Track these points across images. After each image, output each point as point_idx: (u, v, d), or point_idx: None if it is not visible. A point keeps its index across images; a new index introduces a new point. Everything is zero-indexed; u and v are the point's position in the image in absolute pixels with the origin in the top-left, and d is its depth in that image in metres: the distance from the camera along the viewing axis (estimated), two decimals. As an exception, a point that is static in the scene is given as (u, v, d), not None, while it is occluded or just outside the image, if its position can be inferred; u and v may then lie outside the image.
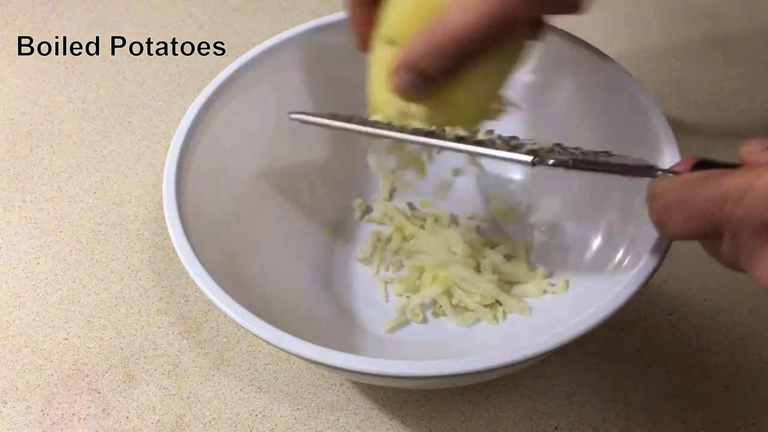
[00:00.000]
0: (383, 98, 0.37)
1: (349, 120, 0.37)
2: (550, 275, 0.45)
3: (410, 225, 0.47)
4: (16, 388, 0.45)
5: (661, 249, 0.34)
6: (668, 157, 0.38)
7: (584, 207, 0.45)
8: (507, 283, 0.45)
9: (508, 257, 0.46)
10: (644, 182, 0.33)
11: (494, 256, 0.45)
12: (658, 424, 0.41)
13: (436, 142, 0.34)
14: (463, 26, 0.33)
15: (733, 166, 0.29)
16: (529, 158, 0.31)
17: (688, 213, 0.29)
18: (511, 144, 0.34)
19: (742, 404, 0.42)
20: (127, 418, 0.43)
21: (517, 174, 0.49)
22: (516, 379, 0.43)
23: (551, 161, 0.31)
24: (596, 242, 0.44)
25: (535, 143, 0.34)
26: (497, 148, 0.33)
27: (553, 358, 0.43)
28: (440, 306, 0.45)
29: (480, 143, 0.33)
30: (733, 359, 0.44)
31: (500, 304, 0.44)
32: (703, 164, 0.31)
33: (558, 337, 0.32)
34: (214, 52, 0.63)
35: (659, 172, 0.32)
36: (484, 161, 0.36)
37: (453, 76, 0.34)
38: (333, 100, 0.48)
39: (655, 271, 0.34)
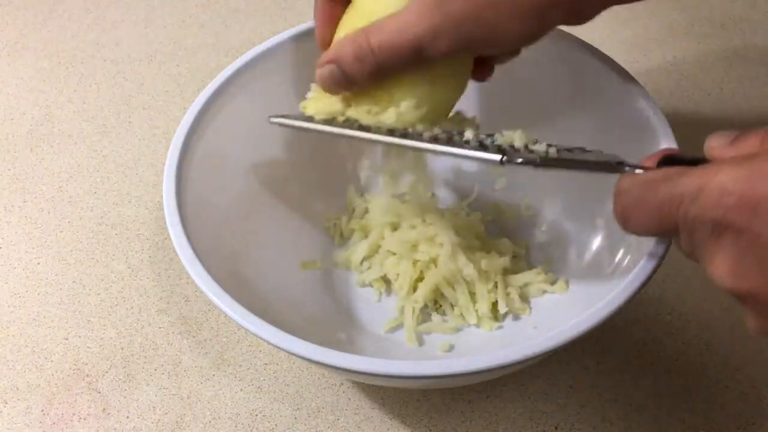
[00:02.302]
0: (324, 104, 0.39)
1: (328, 123, 0.38)
2: (550, 275, 0.45)
3: (412, 218, 0.47)
4: (17, 388, 0.45)
5: (661, 249, 0.34)
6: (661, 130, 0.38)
7: (584, 207, 0.45)
8: (507, 284, 0.45)
9: (509, 257, 0.46)
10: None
11: (494, 256, 0.45)
12: (658, 424, 0.41)
13: (406, 143, 0.35)
14: (387, 42, 0.35)
15: (700, 161, 0.30)
16: (498, 157, 0.32)
17: (648, 212, 0.29)
18: (484, 143, 0.34)
19: (742, 404, 0.42)
20: (128, 417, 0.43)
21: (518, 173, 0.49)
22: (516, 379, 0.43)
23: (519, 160, 0.32)
24: (596, 242, 0.44)
25: (512, 142, 0.34)
26: (469, 148, 0.34)
27: (553, 358, 0.43)
28: (440, 306, 0.45)
29: (452, 143, 0.34)
30: (733, 359, 0.44)
31: (500, 304, 0.44)
32: (670, 159, 0.31)
33: (558, 337, 0.32)
34: (214, 52, 0.63)
35: (627, 168, 0.32)
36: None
37: (373, 82, 0.36)
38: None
39: (654, 271, 0.34)
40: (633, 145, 0.41)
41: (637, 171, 0.31)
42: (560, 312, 0.43)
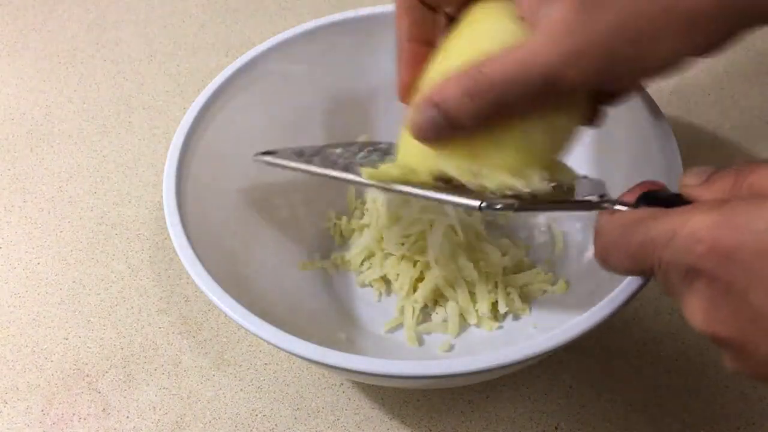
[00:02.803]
0: (415, 160, 0.34)
1: (316, 154, 0.38)
2: (550, 275, 0.45)
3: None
4: (17, 388, 0.45)
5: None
6: (668, 158, 0.38)
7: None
8: (507, 284, 0.45)
9: (509, 257, 0.46)
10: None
11: (494, 256, 0.45)
12: (658, 424, 0.41)
13: (384, 185, 0.35)
14: (509, 73, 0.29)
15: (677, 200, 0.30)
16: (476, 203, 0.32)
17: (623, 254, 0.30)
18: (458, 186, 0.33)
19: (742, 404, 0.42)
20: (128, 417, 0.43)
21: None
22: (516, 379, 0.43)
23: (498, 206, 0.32)
24: (596, 242, 0.44)
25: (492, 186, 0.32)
26: (448, 193, 0.33)
27: (553, 358, 0.43)
28: (440, 305, 0.45)
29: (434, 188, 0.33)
30: (733, 359, 0.44)
31: (500, 304, 0.44)
32: (649, 195, 0.31)
33: (558, 337, 0.32)
34: (214, 52, 0.63)
35: (606, 205, 0.32)
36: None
37: (482, 125, 0.31)
38: (333, 100, 0.48)
39: (648, 277, 0.34)
40: (633, 146, 0.41)
41: (617, 207, 0.31)
42: (560, 312, 0.43)
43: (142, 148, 0.57)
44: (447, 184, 0.33)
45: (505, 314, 0.44)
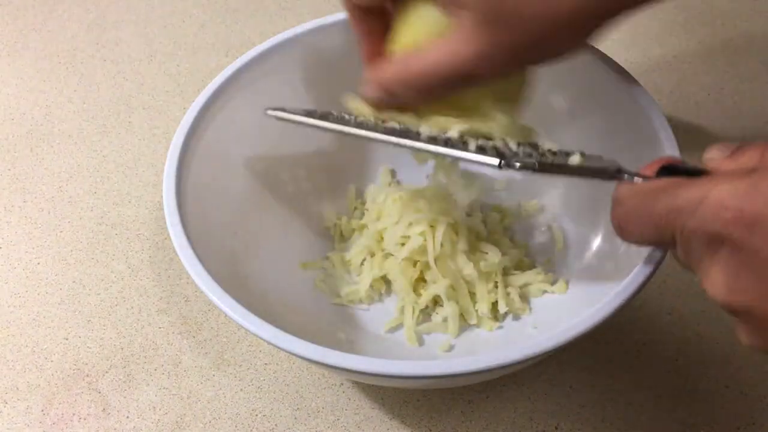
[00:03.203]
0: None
1: (325, 117, 0.38)
2: (550, 275, 0.45)
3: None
4: (17, 388, 0.45)
5: (661, 249, 0.34)
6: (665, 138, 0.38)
7: (584, 207, 0.45)
8: (507, 284, 0.45)
9: (509, 257, 0.46)
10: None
11: (494, 256, 0.45)
12: (658, 424, 0.41)
13: (405, 142, 0.35)
14: (430, 69, 0.34)
15: (699, 172, 0.30)
16: (496, 161, 0.33)
17: (645, 222, 0.29)
18: (483, 146, 0.34)
19: (742, 404, 0.42)
20: (128, 417, 0.43)
21: (516, 174, 0.49)
22: (516, 379, 0.43)
23: (517, 164, 0.32)
24: (596, 242, 0.44)
25: (508, 145, 0.34)
26: (468, 150, 0.34)
27: (553, 358, 0.43)
28: (440, 305, 0.45)
29: (450, 144, 0.34)
30: (733, 359, 0.44)
31: (500, 304, 0.44)
32: (669, 168, 0.31)
33: (558, 337, 0.32)
34: (214, 52, 0.63)
35: (626, 176, 0.32)
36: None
37: (421, 103, 0.36)
38: (332, 100, 0.48)
39: (654, 271, 0.34)
40: (633, 147, 0.41)
41: (636, 179, 0.31)
42: (560, 312, 0.43)
43: (142, 148, 0.57)
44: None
45: (505, 314, 0.44)
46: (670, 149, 0.38)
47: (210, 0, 0.68)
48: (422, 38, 0.35)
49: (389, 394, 0.43)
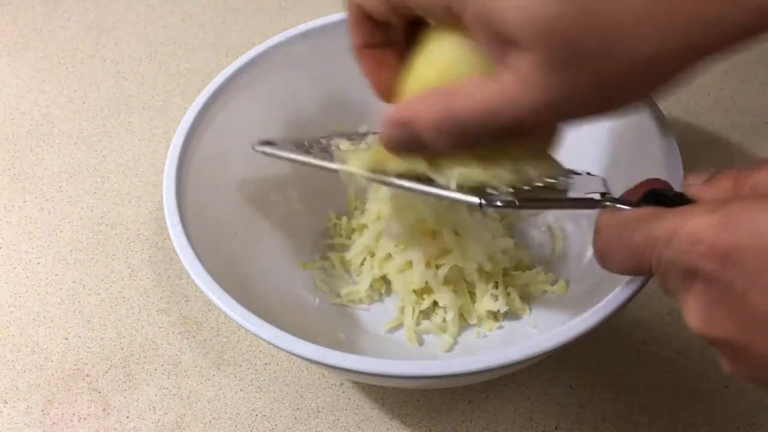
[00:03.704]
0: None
1: (313, 145, 0.38)
2: (550, 275, 0.45)
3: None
4: (17, 388, 0.45)
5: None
6: (668, 156, 0.38)
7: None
8: (507, 284, 0.45)
9: (509, 257, 0.46)
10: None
11: (494, 256, 0.45)
12: (658, 424, 0.41)
13: (386, 179, 0.35)
14: (479, 114, 0.29)
15: (681, 199, 0.30)
16: (476, 200, 0.32)
17: (624, 252, 0.29)
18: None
19: (742, 404, 0.42)
20: (128, 417, 0.43)
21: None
22: (516, 379, 0.43)
23: (499, 203, 0.32)
24: (596, 242, 0.44)
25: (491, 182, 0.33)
26: (447, 189, 0.33)
27: (553, 358, 0.43)
28: (440, 306, 0.45)
29: (433, 182, 0.33)
30: (733, 359, 0.44)
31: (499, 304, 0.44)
32: (654, 193, 0.31)
33: (558, 337, 0.32)
34: (214, 52, 0.63)
35: (607, 204, 0.32)
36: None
37: (450, 151, 0.32)
38: (333, 100, 0.48)
39: (647, 276, 0.34)
40: (633, 148, 0.41)
41: (618, 206, 0.31)
42: (560, 312, 0.43)
43: (142, 148, 0.57)
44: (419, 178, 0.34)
45: (505, 314, 0.44)
46: (669, 148, 0.38)
47: (210, 0, 0.68)
48: (450, 76, 0.31)
49: (389, 394, 0.43)
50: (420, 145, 0.31)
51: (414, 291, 0.44)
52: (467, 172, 0.32)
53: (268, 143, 0.40)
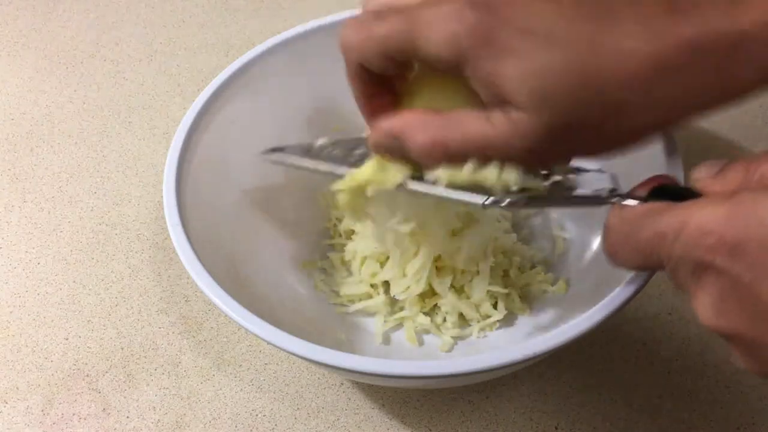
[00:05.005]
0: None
1: (324, 148, 0.38)
2: (550, 275, 0.45)
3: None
4: (17, 388, 0.45)
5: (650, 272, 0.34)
6: (668, 155, 0.38)
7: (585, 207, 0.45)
8: (507, 284, 0.45)
9: (509, 258, 0.46)
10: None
11: (494, 256, 0.45)
12: (658, 424, 0.41)
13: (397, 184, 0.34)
14: (468, 145, 0.31)
15: (689, 194, 0.30)
16: (481, 200, 0.32)
17: (633, 249, 0.30)
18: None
19: (742, 404, 0.42)
20: (128, 417, 0.43)
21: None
22: (516, 379, 0.43)
23: (504, 202, 0.32)
24: (596, 242, 0.44)
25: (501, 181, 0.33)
26: (453, 188, 0.33)
27: (553, 357, 0.43)
28: (440, 306, 0.45)
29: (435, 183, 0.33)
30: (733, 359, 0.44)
31: (500, 304, 0.44)
32: (663, 189, 0.31)
33: (558, 337, 0.32)
34: (214, 52, 0.63)
35: (616, 200, 0.32)
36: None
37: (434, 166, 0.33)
38: (333, 100, 0.48)
39: (654, 271, 0.34)
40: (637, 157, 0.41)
41: (627, 201, 0.31)
42: (560, 312, 0.43)
43: (142, 148, 0.57)
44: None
45: (505, 314, 0.44)
46: (669, 147, 0.38)
47: (210, 0, 0.68)
48: (446, 105, 0.32)
49: (389, 394, 0.43)
50: (405, 157, 0.33)
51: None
52: (458, 174, 0.33)
53: (276, 150, 0.40)
